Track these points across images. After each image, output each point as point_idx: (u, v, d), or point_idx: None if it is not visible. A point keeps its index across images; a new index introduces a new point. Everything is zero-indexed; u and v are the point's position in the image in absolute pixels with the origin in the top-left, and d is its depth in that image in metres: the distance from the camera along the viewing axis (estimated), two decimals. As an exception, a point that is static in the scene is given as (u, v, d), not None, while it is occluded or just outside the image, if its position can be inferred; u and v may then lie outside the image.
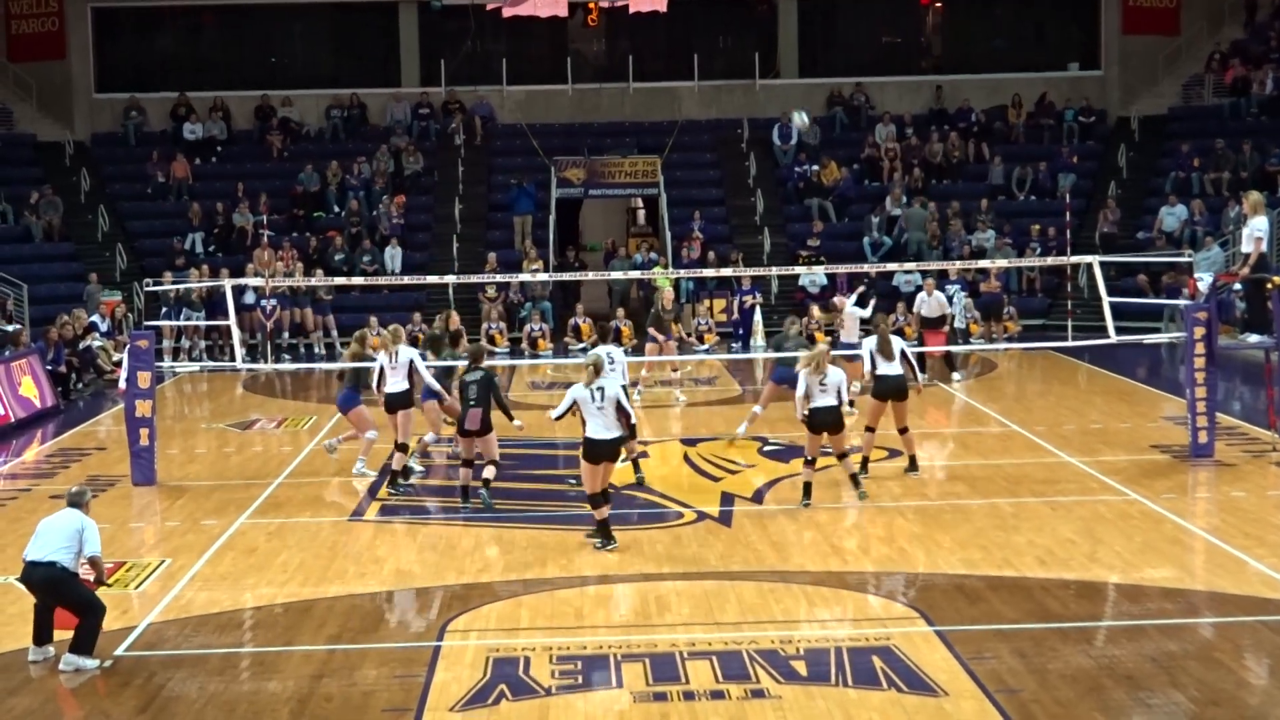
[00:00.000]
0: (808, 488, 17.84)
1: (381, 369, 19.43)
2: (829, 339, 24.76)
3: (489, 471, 17.96)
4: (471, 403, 17.57)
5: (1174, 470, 19.54)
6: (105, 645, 12.81)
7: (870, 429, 19.38)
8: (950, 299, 30.13)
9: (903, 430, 19.51)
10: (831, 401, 17.55)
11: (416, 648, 12.85)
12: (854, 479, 18.03)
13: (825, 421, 17.53)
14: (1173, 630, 12.89)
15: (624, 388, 17.97)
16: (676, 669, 12.08)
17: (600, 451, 15.78)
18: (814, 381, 17.54)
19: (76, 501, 12.90)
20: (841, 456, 17.93)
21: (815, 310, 31.62)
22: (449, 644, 12.91)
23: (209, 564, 15.81)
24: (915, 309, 28.66)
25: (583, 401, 15.75)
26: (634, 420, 16.19)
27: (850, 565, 15.19)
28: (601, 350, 19.59)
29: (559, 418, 16.19)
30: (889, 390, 19.06)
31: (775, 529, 16.76)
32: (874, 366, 19.06)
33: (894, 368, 18.98)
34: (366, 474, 20.22)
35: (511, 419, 18.04)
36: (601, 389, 15.70)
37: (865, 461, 19.19)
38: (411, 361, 19.43)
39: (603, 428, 15.71)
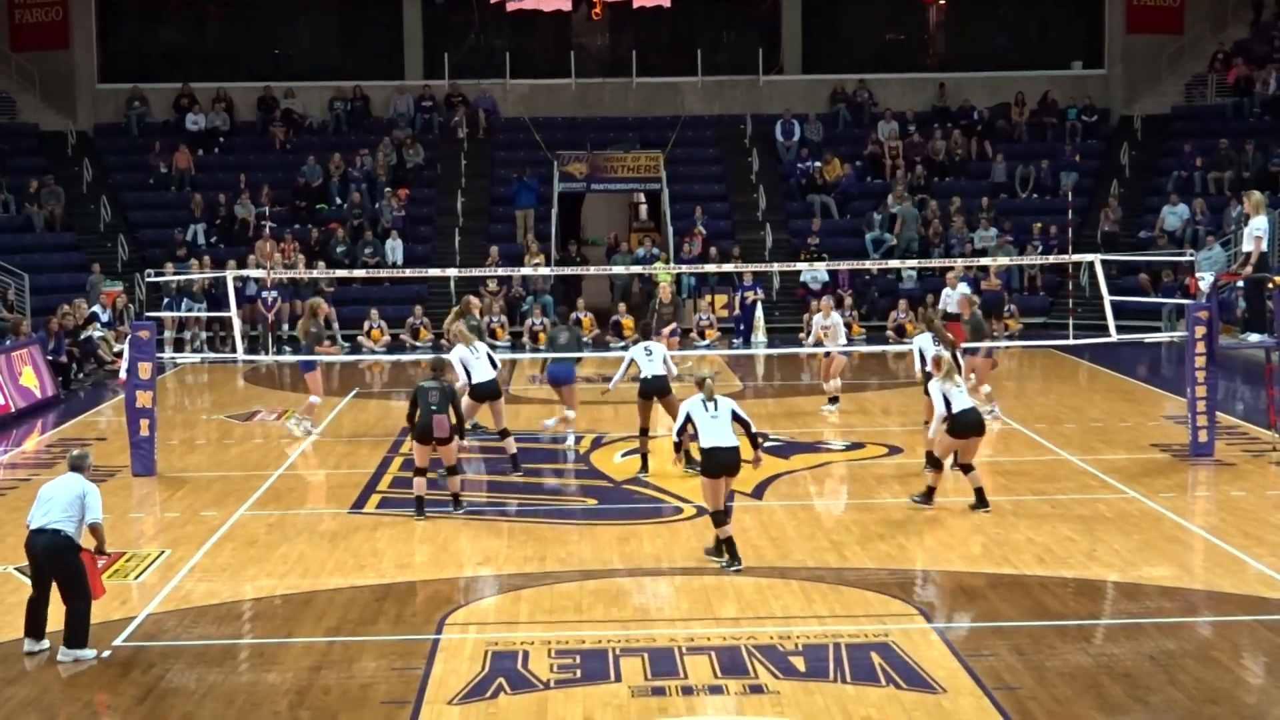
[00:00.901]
0: (980, 493, 17.16)
1: (463, 362, 19.88)
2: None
3: (456, 483, 17.59)
4: (434, 408, 17.11)
5: (1174, 469, 19.55)
6: (104, 635, 12.84)
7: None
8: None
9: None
10: (971, 403, 16.99)
11: (415, 640, 12.86)
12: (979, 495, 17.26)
13: (970, 425, 16.78)
14: (1171, 629, 12.91)
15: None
16: (675, 664, 12.09)
17: (721, 460, 14.78)
18: (950, 388, 16.78)
19: (78, 465, 12.87)
20: (967, 470, 17.09)
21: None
22: (448, 637, 12.92)
23: (208, 555, 15.82)
24: (940, 305, 28.61)
25: (696, 413, 14.95)
26: (754, 429, 15.20)
27: (849, 561, 15.20)
28: (640, 346, 19.82)
29: (679, 432, 15.16)
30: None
31: (774, 525, 16.77)
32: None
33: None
34: (311, 431, 22.45)
35: (462, 435, 17.87)
36: (715, 400, 14.99)
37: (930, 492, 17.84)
38: (489, 353, 20.19)
39: (720, 436, 14.81)
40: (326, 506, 18.23)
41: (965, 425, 16.89)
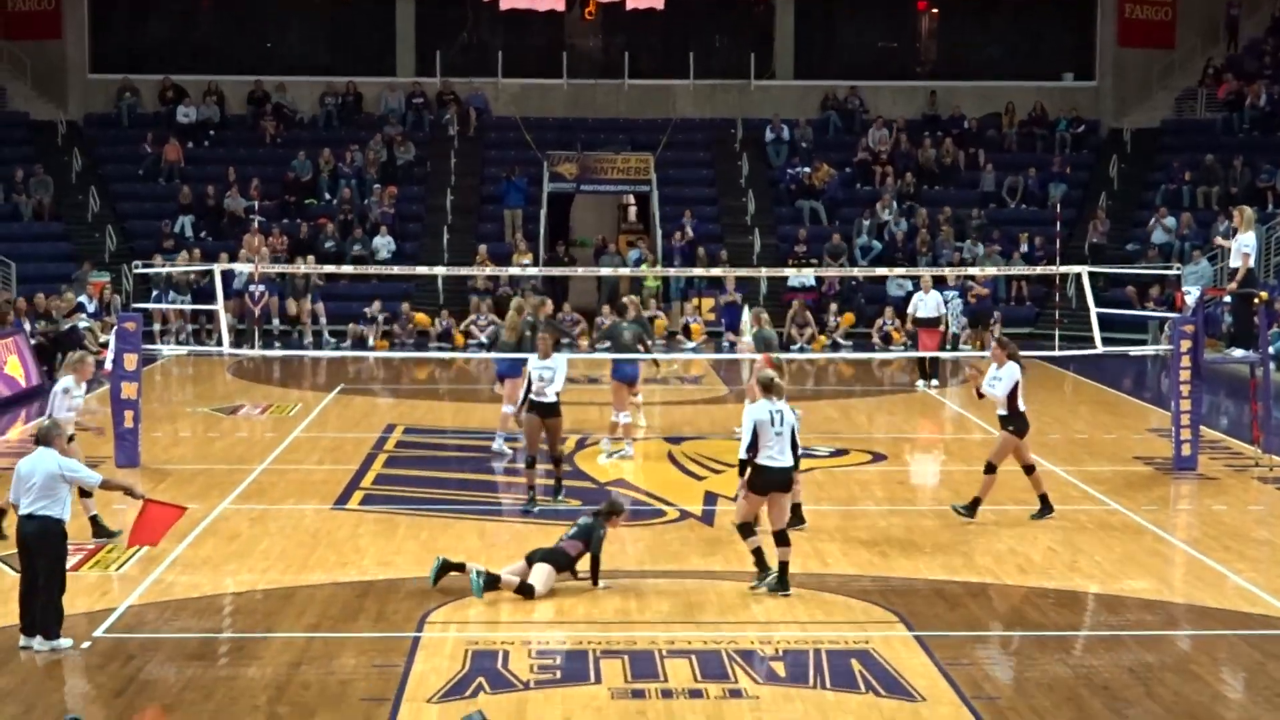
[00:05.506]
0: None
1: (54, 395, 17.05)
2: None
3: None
4: None
5: (1156, 482, 19.59)
6: (85, 626, 12.82)
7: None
8: (947, 302, 30.10)
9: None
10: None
11: (396, 638, 12.85)
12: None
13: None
14: (1151, 642, 12.94)
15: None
16: (655, 667, 12.09)
17: (772, 479, 14.03)
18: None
19: (44, 438, 12.81)
20: (1030, 470, 17.31)
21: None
22: (429, 635, 12.91)
23: (190, 548, 15.80)
24: (910, 309, 28.65)
25: (761, 425, 13.96)
26: (800, 452, 14.42)
27: (831, 568, 15.21)
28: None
29: (749, 449, 13.95)
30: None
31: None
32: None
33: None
34: None
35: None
36: (780, 412, 14.17)
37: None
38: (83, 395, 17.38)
39: (777, 453, 13.99)
40: (310, 502, 18.21)
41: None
